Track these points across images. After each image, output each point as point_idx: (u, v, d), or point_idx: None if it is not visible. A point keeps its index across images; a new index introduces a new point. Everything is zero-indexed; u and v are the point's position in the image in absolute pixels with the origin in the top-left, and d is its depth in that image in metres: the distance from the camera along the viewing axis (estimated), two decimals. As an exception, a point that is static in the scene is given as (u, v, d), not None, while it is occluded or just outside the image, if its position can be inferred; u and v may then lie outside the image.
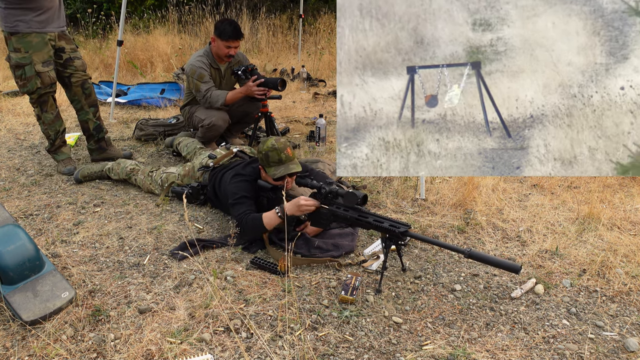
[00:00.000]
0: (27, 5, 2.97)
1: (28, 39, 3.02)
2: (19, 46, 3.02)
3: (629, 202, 2.89)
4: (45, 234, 2.52)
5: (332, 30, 8.29)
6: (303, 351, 1.67)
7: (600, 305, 1.99)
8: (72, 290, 1.94)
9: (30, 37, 3.02)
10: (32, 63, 3.05)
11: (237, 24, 3.51)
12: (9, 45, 3.05)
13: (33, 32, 3.02)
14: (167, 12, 8.08)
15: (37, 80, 3.09)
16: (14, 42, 3.02)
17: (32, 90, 3.13)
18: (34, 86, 3.11)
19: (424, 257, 2.33)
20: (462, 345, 1.74)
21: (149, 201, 2.95)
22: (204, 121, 3.50)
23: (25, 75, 3.07)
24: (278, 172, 2.39)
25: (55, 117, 3.32)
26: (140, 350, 1.68)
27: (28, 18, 2.99)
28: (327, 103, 5.54)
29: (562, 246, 2.41)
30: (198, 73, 3.46)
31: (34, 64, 3.06)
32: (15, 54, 3.04)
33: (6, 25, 3.01)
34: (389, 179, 3.25)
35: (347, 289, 1.98)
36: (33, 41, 3.03)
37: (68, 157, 3.47)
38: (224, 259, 2.28)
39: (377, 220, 2.09)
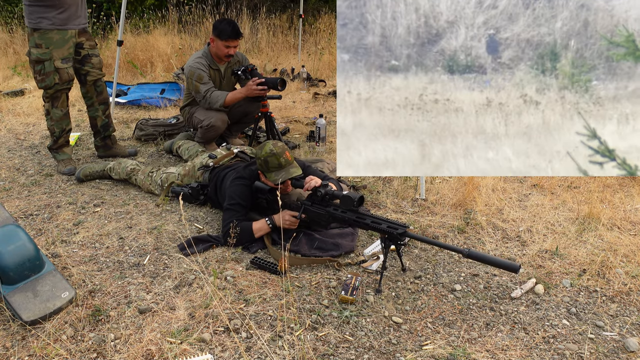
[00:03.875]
0: (49, 2, 3.03)
1: (49, 35, 3.08)
2: (40, 42, 3.08)
3: (629, 202, 2.89)
4: (45, 234, 2.52)
5: (332, 30, 8.29)
6: (303, 351, 1.67)
7: (600, 305, 1.99)
8: (72, 290, 1.94)
9: (51, 34, 3.08)
10: (52, 59, 3.11)
11: (236, 23, 3.50)
12: (31, 40, 3.12)
13: (55, 28, 3.09)
14: (167, 12, 8.07)
15: (56, 76, 3.15)
16: (36, 37, 3.08)
17: (49, 86, 3.18)
18: (52, 82, 3.16)
19: (424, 257, 2.33)
20: (462, 345, 1.74)
21: (149, 201, 2.95)
22: (203, 122, 3.50)
23: (45, 70, 3.13)
24: (279, 177, 2.40)
25: (64, 115, 3.36)
26: (140, 350, 1.68)
27: (51, 15, 3.05)
28: (327, 103, 5.54)
29: (562, 246, 2.41)
30: (197, 74, 3.45)
31: (54, 60, 3.12)
32: (36, 49, 3.10)
33: (30, 22, 3.08)
34: (389, 179, 3.25)
35: (347, 289, 1.98)
36: (54, 38, 3.09)
37: (69, 158, 3.49)
38: (224, 259, 2.28)
39: (374, 222, 2.10)
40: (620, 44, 1.81)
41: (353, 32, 1.87)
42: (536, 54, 1.86)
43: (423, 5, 1.85)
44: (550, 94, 1.88)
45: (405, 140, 1.95)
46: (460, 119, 1.92)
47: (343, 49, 1.89)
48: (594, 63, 1.84)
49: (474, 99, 1.91)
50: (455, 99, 1.91)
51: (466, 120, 1.93)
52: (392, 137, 1.94)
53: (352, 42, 1.88)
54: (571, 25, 1.82)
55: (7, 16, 8.54)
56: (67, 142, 3.52)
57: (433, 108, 1.92)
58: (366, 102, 1.92)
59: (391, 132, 1.94)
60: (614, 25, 1.81)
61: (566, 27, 1.83)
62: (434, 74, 1.90)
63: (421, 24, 1.86)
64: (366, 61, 1.89)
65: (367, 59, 1.89)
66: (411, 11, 1.86)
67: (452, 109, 1.92)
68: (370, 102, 1.92)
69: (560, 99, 1.87)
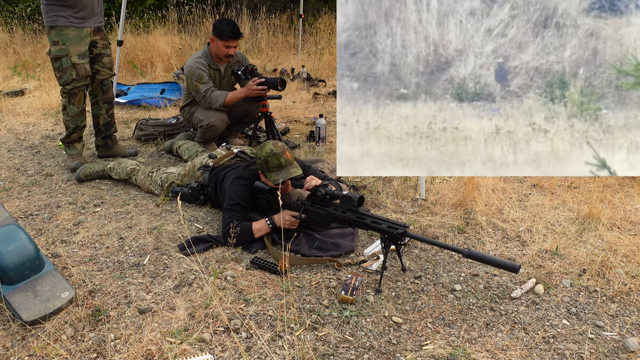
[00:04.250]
0: (66, 3, 3.08)
1: (66, 32, 3.13)
2: (57, 39, 3.13)
3: (629, 202, 2.89)
4: (45, 234, 2.52)
5: (332, 30, 8.29)
6: (303, 351, 1.67)
7: (600, 305, 1.99)
8: (72, 290, 1.94)
9: (68, 31, 3.13)
10: (69, 55, 3.16)
11: (236, 23, 3.50)
12: (49, 38, 3.17)
13: (71, 25, 3.13)
14: (167, 12, 8.07)
15: (73, 71, 3.19)
16: (53, 35, 3.13)
17: (67, 82, 3.23)
18: (69, 78, 3.21)
19: (424, 257, 2.33)
20: (462, 345, 1.74)
21: (149, 201, 2.95)
22: (202, 121, 3.50)
23: (62, 66, 3.18)
24: (280, 177, 2.40)
25: (80, 112, 3.41)
26: (140, 350, 1.68)
27: (67, 14, 3.11)
28: (327, 103, 5.54)
29: (562, 246, 2.41)
30: (197, 74, 3.46)
31: (70, 55, 3.16)
32: (54, 46, 3.15)
33: (47, 20, 3.14)
34: (389, 179, 3.25)
35: (347, 289, 1.98)
36: (70, 34, 3.14)
37: (78, 154, 3.55)
38: (224, 259, 2.28)
39: (374, 222, 2.10)
40: (629, 73, 1.81)
41: (363, 60, 1.87)
42: (545, 82, 1.86)
43: (432, 34, 1.86)
44: (559, 122, 1.88)
45: (413, 169, 1.95)
46: (468, 147, 1.93)
47: (352, 78, 1.89)
48: (603, 92, 1.84)
49: (482, 127, 1.91)
50: (464, 127, 1.91)
51: (475, 148, 1.93)
52: (401, 166, 1.95)
53: (362, 70, 1.89)
54: (580, 53, 1.82)
55: (7, 16, 8.54)
56: (80, 138, 3.57)
57: (442, 136, 1.92)
58: (374, 131, 1.92)
59: (400, 161, 1.95)
60: (623, 54, 1.81)
61: (575, 56, 1.82)
62: (443, 102, 1.90)
63: (430, 52, 1.87)
64: (375, 89, 1.90)
65: (376, 88, 1.90)
66: (421, 40, 1.86)
67: (460, 137, 1.92)
68: (379, 131, 1.93)
69: (569, 127, 1.87)
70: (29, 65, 7.05)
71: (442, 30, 1.85)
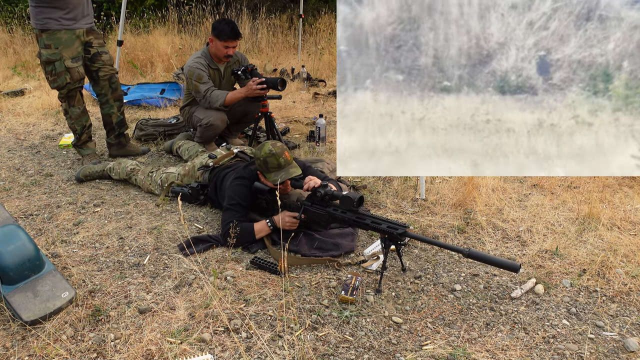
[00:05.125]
0: (55, 4, 3.04)
1: (58, 35, 3.09)
2: (49, 43, 3.09)
3: (628, 202, 2.89)
4: (45, 234, 2.52)
5: (332, 30, 8.29)
6: (303, 351, 1.67)
7: (600, 305, 1.99)
8: (72, 290, 1.94)
9: (60, 34, 3.09)
10: (62, 59, 3.13)
11: (235, 23, 3.50)
12: (40, 42, 3.12)
13: (63, 28, 3.09)
14: (167, 12, 8.07)
15: (67, 75, 3.17)
16: (44, 39, 3.09)
17: (62, 86, 3.21)
18: (63, 81, 3.19)
19: (424, 257, 2.33)
20: (462, 345, 1.74)
21: (149, 201, 2.95)
22: (202, 120, 3.50)
23: (56, 71, 3.15)
24: (279, 178, 2.40)
25: (82, 112, 3.41)
26: (140, 350, 1.68)
27: (57, 16, 3.06)
28: (327, 103, 5.54)
29: (562, 246, 2.41)
30: (196, 74, 3.45)
31: (64, 59, 3.13)
32: (46, 50, 3.11)
33: (37, 22, 3.08)
34: (389, 179, 3.25)
35: (347, 289, 1.98)
36: (63, 37, 3.10)
37: (93, 152, 3.56)
38: (224, 259, 2.28)
39: (374, 222, 2.10)
40: None
41: (407, 53, 1.89)
42: (588, 75, 1.85)
43: (474, 27, 1.86)
44: (603, 115, 1.87)
45: (458, 160, 1.96)
46: (511, 139, 1.93)
47: (397, 70, 1.91)
48: None
49: (525, 119, 1.92)
50: (507, 120, 1.92)
51: (517, 140, 1.93)
52: (446, 157, 1.96)
53: (407, 63, 1.90)
54: (624, 46, 1.81)
55: (7, 16, 8.54)
56: (90, 138, 3.58)
57: (485, 128, 1.93)
58: (420, 122, 1.93)
59: (445, 152, 1.96)
60: None
61: (619, 49, 1.82)
62: (485, 94, 1.91)
63: (472, 45, 1.88)
64: (419, 82, 1.91)
65: (420, 80, 1.91)
66: (462, 33, 1.87)
67: (503, 129, 1.93)
68: (424, 122, 1.94)
69: (614, 120, 1.87)
70: (29, 65, 7.05)
71: (484, 24, 1.86)
